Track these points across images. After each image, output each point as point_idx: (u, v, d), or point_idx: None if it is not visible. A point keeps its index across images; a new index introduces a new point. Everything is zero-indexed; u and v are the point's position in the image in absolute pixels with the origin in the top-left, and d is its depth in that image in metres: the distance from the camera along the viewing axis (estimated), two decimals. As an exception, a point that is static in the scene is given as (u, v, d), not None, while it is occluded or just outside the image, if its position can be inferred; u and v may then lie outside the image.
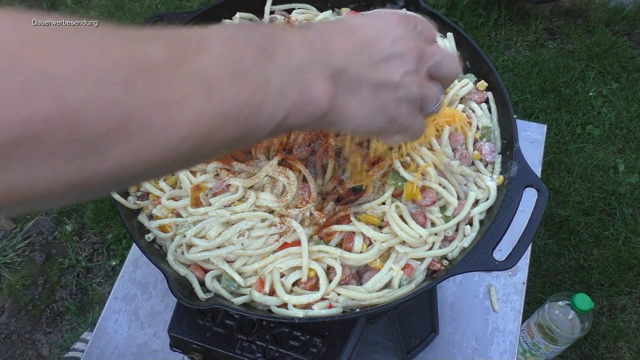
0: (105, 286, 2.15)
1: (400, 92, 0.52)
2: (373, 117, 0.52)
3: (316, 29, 0.50)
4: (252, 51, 0.43)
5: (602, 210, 2.17)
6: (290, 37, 0.47)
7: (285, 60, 0.45)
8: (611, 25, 2.71)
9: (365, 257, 0.78)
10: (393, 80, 0.51)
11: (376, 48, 0.50)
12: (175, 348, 0.84)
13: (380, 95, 0.51)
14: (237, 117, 0.41)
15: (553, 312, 1.53)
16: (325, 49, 0.48)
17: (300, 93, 0.45)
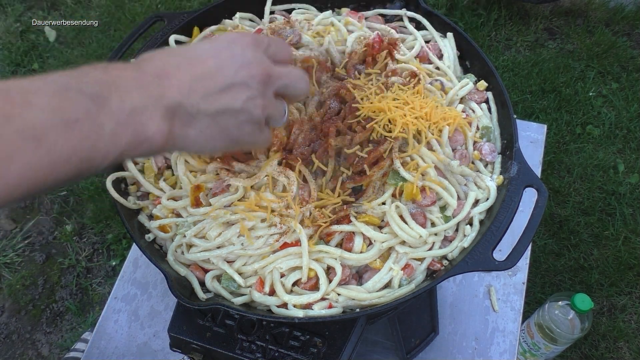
0: (105, 286, 2.15)
1: (243, 116, 0.55)
2: (214, 141, 0.55)
3: (153, 67, 0.52)
4: (82, 100, 0.45)
5: (602, 210, 2.17)
6: (124, 81, 0.49)
7: (118, 105, 0.47)
8: (611, 25, 2.71)
9: (365, 257, 0.78)
10: (234, 107, 0.54)
11: (216, 79, 0.53)
12: (175, 348, 0.83)
13: (219, 122, 0.54)
14: (69, 162, 0.45)
15: (553, 312, 1.53)
16: (160, 88, 0.50)
17: (134, 134, 0.48)
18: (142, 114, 0.49)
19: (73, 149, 0.44)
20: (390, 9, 1.05)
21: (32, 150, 0.42)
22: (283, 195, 0.80)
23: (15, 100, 0.42)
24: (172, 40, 1.00)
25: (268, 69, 0.57)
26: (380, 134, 0.82)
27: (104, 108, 0.46)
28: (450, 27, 0.99)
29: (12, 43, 2.80)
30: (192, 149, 0.56)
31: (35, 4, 2.98)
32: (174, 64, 0.53)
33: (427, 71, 0.94)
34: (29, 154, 0.42)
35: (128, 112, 0.48)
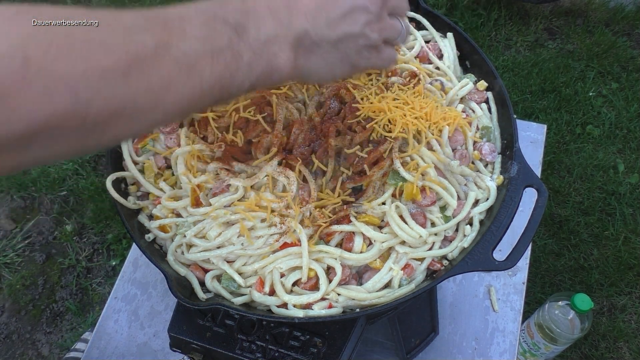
0: (105, 286, 2.15)
1: (362, 41, 0.58)
2: (335, 67, 0.59)
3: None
4: (227, 29, 0.49)
5: (602, 210, 2.17)
6: (259, 10, 0.52)
7: (255, 34, 0.51)
8: (611, 25, 2.71)
9: (365, 257, 0.78)
10: (353, 32, 0.57)
11: (337, 4, 0.56)
12: (175, 348, 0.83)
13: (339, 48, 0.57)
14: (212, 90, 0.49)
15: (553, 312, 1.53)
16: (289, 16, 0.53)
17: (266, 65, 0.52)
18: (274, 44, 0.52)
19: (217, 78, 0.48)
20: (390, 9, 1.05)
21: (185, 80, 0.46)
22: (283, 195, 0.80)
23: (173, 29, 0.46)
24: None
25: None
26: (380, 134, 0.82)
27: (243, 37, 0.50)
28: (450, 27, 0.99)
29: (12, 43, 2.80)
30: (314, 78, 0.59)
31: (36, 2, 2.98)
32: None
33: (427, 71, 0.94)
34: (182, 84, 0.46)
35: (263, 42, 0.51)
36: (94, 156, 2.43)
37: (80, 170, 2.38)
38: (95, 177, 2.36)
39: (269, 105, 0.85)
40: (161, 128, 0.87)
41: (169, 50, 0.45)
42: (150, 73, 0.44)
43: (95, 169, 2.42)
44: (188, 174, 0.82)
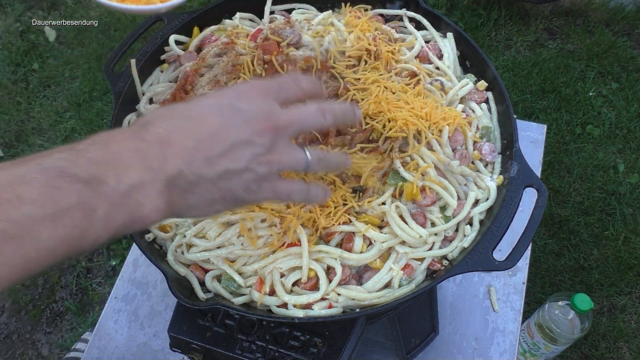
0: (105, 286, 2.15)
1: (248, 176, 0.52)
2: (215, 204, 0.53)
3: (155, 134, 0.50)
4: (77, 187, 0.44)
5: (602, 210, 2.17)
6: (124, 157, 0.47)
7: (114, 185, 0.46)
8: (611, 25, 2.71)
9: (365, 257, 0.78)
10: (235, 169, 0.51)
11: (218, 140, 0.51)
12: (175, 348, 0.83)
13: (220, 185, 0.52)
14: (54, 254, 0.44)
15: (553, 312, 1.53)
16: (162, 158, 0.49)
17: (128, 215, 0.47)
18: (138, 192, 0.47)
19: (60, 240, 0.44)
20: (390, 9, 1.05)
21: (15, 253, 0.41)
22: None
23: (3, 196, 0.41)
24: (172, 40, 1.01)
25: (276, 120, 0.53)
26: (380, 133, 0.82)
27: (99, 191, 0.45)
28: (450, 27, 0.99)
29: (12, 43, 2.80)
30: (192, 215, 0.55)
31: (35, 4, 2.98)
32: (177, 127, 0.51)
33: (427, 71, 0.94)
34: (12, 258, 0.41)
35: (124, 192, 0.46)
36: (94, 156, 2.43)
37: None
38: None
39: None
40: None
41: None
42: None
43: (95, 169, 2.42)
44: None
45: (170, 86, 0.97)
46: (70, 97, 2.60)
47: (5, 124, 2.54)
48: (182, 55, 1.00)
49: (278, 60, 0.89)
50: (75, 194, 0.44)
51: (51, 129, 2.52)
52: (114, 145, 0.48)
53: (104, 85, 2.60)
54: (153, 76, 1.01)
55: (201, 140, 0.50)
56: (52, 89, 2.66)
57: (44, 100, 2.62)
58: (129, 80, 0.95)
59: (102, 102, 2.56)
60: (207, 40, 1.01)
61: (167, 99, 0.92)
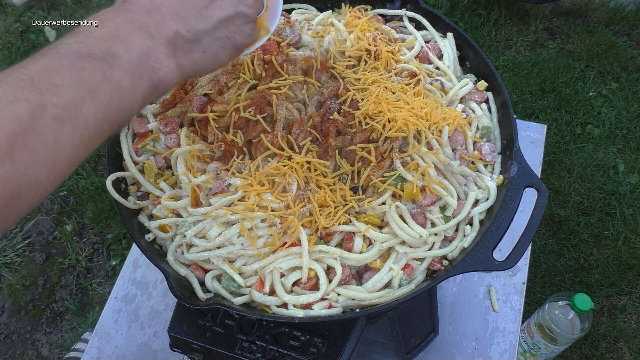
0: (105, 286, 2.15)
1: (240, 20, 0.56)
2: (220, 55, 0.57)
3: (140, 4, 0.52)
4: (97, 64, 0.47)
5: (602, 210, 2.17)
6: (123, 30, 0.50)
7: (127, 56, 0.49)
8: (611, 25, 2.71)
9: (365, 257, 0.78)
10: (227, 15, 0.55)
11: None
12: (175, 348, 0.83)
13: (218, 35, 0.55)
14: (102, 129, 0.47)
15: (553, 312, 1.53)
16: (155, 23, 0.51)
17: (149, 81, 0.50)
18: (149, 57, 0.50)
19: (102, 116, 0.46)
20: (390, 9, 1.05)
21: (70, 134, 0.44)
22: (283, 196, 0.80)
23: (42, 87, 0.44)
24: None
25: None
26: (380, 133, 0.82)
27: (116, 64, 0.48)
28: (450, 27, 0.99)
29: (12, 43, 2.80)
30: (202, 72, 0.57)
31: (35, 4, 2.98)
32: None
33: (427, 71, 0.94)
34: (69, 139, 0.44)
35: (137, 60, 0.49)
36: (94, 156, 2.43)
37: (80, 170, 2.38)
38: (95, 177, 2.36)
39: (269, 105, 0.85)
40: (160, 128, 0.87)
41: (45, 111, 0.43)
42: (35, 142, 0.42)
43: (95, 169, 2.42)
44: (188, 174, 0.82)
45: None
46: (70, 97, 2.60)
47: (5, 124, 2.54)
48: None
49: (278, 60, 0.89)
50: (99, 71, 0.47)
51: (51, 129, 2.52)
52: (108, 23, 0.50)
53: (104, 85, 2.59)
54: (153, 76, 1.01)
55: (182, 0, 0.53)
56: (52, 89, 2.66)
57: (44, 100, 2.62)
58: (129, 80, 0.95)
59: (102, 102, 2.56)
60: (207, 40, 1.01)
61: (167, 99, 0.92)
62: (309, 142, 0.83)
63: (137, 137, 0.89)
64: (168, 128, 0.86)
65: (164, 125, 0.86)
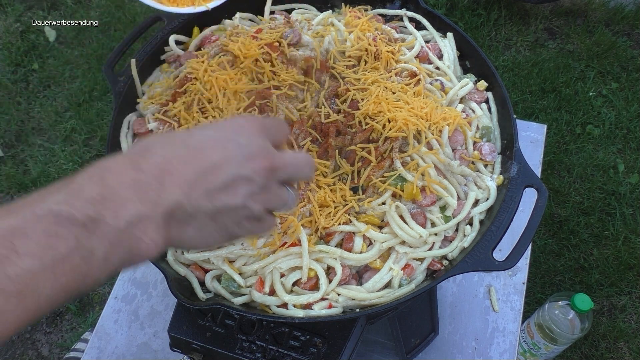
0: (105, 286, 2.15)
1: (243, 212, 0.52)
2: (210, 238, 0.52)
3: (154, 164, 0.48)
4: (73, 230, 0.43)
5: (602, 210, 2.17)
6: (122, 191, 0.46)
7: (112, 222, 0.45)
8: (611, 25, 2.71)
9: (365, 257, 0.78)
10: (234, 205, 0.51)
11: (219, 174, 0.50)
12: (175, 348, 0.83)
13: (218, 219, 0.51)
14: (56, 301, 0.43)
15: (553, 312, 1.53)
16: (160, 190, 0.47)
17: (127, 252, 0.46)
18: (137, 227, 0.46)
19: (60, 288, 0.43)
20: (390, 9, 1.05)
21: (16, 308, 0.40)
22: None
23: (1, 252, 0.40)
24: (172, 40, 1.00)
25: (273, 160, 0.53)
26: (380, 133, 0.82)
27: (97, 232, 0.44)
28: (450, 27, 0.99)
29: (12, 43, 2.80)
30: (186, 247, 0.53)
31: (35, 4, 2.98)
32: (177, 156, 0.49)
33: (427, 71, 0.94)
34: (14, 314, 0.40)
35: (123, 229, 0.45)
36: (94, 156, 2.43)
37: (80, 170, 2.38)
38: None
39: (269, 106, 0.85)
40: (160, 128, 0.87)
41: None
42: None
43: (95, 169, 2.42)
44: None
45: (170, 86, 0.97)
46: (70, 97, 2.60)
47: (5, 124, 2.54)
48: (182, 55, 1.00)
49: (278, 60, 0.89)
50: (72, 239, 0.43)
51: (51, 129, 2.52)
52: (110, 179, 0.46)
53: (104, 85, 2.60)
54: (153, 76, 1.01)
55: (201, 172, 0.49)
56: (52, 89, 2.66)
57: (44, 100, 2.62)
58: (129, 80, 0.95)
59: (102, 102, 2.56)
60: (207, 40, 1.01)
61: (168, 99, 0.92)
62: (309, 142, 0.83)
63: (137, 137, 0.89)
64: (167, 128, 0.86)
65: (163, 125, 0.86)
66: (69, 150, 2.43)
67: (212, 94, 0.87)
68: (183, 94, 0.91)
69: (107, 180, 0.46)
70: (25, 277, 0.40)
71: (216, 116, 0.87)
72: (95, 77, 2.62)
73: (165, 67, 1.01)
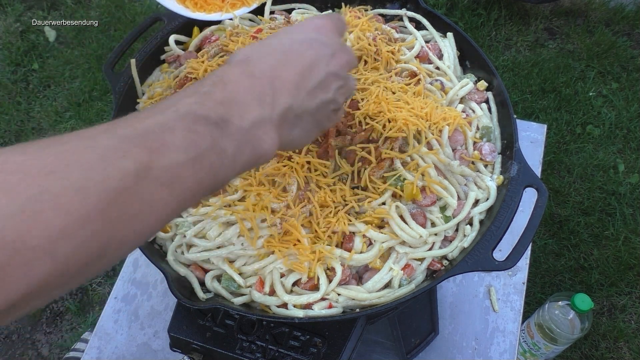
0: (105, 286, 2.15)
1: (333, 105, 0.58)
2: (311, 134, 0.59)
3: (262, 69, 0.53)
4: (209, 129, 0.47)
5: (602, 210, 2.17)
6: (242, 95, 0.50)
7: (239, 123, 0.49)
8: (611, 25, 2.71)
9: (365, 257, 0.78)
10: (328, 99, 0.57)
11: (314, 73, 0.55)
12: (175, 348, 0.83)
13: (317, 115, 0.57)
14: (195, 197, 0.47)
15: (553, 312, 1.53)
16: (274, 95, 0.52)
17: (251, 152, 0.50)
18: (259, 128, 0.51)
19: (199, 183, 0.46)
20: (390, 9, 1.05)
21: (167, 197, 0.43)
22: (283, 196, 0.80)
23: (153, 145, 0.43)
24: (172, 40, 1.00)
25: (349, 55, 0.60)
26: (380, 133, 0.82)
27: (226, 131, 0.48)
28: (450, 27, 0.99)
29: (12, 43, 2.80)
30: (291, 147, 0.58)
31: (35, 4, 2.98)
32: (280, 62, 0.54)
33: (427, 71, 0.94)
34: (165, 202, 0.43)
35: (248, 129, 0.50)
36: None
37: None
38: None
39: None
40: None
41: (149, 172, 0.42)
42: (131, 202, 0.41)
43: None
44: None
45: (170, 86, 0.97)
46: (70, 97, 2.60)
47: (5, 124, 2.54)
48: (182, 55, 1.00)
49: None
50: (209, 137, 0.46)
51: (51, 129, 2.52)
52: (231, 85, 0.51)
53: (104, 85, 2.60)
54: (153, 76, 1.01)
55: (302, 73, 0.54)
56: (52, 89, 2.66)
57: (44, 100, 2.62)
58: (129, 80, 0.95)
59: (102, 102, 2.56)
60: (207, 40, 1.01)
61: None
62: (309, 142, 0.83)
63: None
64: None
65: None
66: (69, 150, 2.43)
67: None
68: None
69: (228, 87, 0.51)
70: (174, 168, 0.44)
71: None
72: (95, 77, 2.62)
73: (165, 67, 1.01)
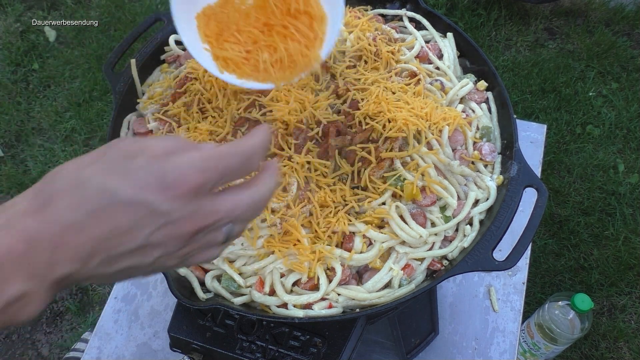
0: (105, 286, 2.15)
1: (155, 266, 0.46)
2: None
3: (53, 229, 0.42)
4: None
5: (602, 210, 2.17)
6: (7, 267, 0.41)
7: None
8: (611, 25, 2.71)
9: (365, 257, 0.78)
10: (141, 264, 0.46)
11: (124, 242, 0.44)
12: (175, 348, 0.83)
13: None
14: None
15: (553, 312, 1.53)
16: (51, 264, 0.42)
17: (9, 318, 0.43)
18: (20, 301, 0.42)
19: None
20: (390, 9, 1.05)
21: None
22: (283, 196, 0.80)
23: None
24: (172, 40, 1.01)
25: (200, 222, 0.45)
26: (380, 133, 0.82)
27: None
28: (450, 27, 0.99)
29: (12, 43, 2.80)
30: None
31: (35, 4, 2.98)
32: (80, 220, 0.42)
33: (427, 71, 0.94)
34: None
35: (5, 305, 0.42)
36: (94, 156, 2.43)
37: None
38: (95, 177, 2.36)
39: (269, 105, 0.85)
40: (160, 127, 0.87)
41: None
42: None
43: (95, 169, 2.42)
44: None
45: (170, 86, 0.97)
46: (70, 97, 2.60)
47: (5, 124, 2.54)
48: (182, 55, 1.00)
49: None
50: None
51: (51, 129, 2.52)
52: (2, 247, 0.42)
53: (104, 85, 2.60)
54: (153, 76, 1.01)
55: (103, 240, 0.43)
56: (52, 89, 2.66)
57: (44, 100, 2.62)
58: (129, 80, 0.95)
59: (102, 102, 2.56)
60: (207, 40, 1.01)
61: (169, 100, 0.92)
62: (309, 142, 0.83)
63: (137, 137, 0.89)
64: (167, 128, 0.86)
65: (163, 125, 0.86)
66: (69, 150, 2.43)
67: (212, 94, 0.87)
68: (183, 94, 0.91)
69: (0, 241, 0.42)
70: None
71: (216, 116, 0.87)
72: (95, 77, 2.62)
73: (165, 67, 1.01)
